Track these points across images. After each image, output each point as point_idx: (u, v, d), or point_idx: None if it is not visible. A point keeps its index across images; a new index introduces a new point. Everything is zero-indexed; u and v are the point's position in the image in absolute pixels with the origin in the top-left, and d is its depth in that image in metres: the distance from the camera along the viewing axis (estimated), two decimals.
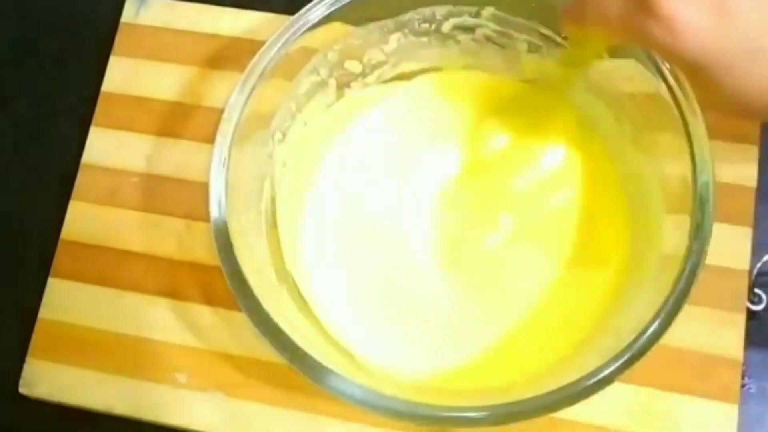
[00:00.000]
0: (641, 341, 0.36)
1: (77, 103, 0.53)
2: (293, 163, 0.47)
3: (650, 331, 0.37)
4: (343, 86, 0.48)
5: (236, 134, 0.41)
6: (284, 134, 0.46)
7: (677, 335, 0.37)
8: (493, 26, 0.45)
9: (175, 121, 0.51)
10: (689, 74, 0.36)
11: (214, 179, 0.40)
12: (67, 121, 0.53)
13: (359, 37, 0.45)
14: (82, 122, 0.51)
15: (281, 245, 0.45)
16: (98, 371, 0.47)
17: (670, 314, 0.37)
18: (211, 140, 0.41)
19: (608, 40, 0.40)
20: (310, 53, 0.44)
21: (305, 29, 0.42)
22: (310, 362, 0.37)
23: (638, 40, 0.36)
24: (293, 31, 0.42)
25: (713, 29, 0.32)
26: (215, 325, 0.47)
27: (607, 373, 0.36)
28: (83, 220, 0.50)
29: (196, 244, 0.48)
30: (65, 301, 0.48)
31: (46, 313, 0.48)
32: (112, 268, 0.48)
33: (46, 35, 0.55)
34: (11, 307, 0.50)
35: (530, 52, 0.46)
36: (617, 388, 0.37)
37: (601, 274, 0.44)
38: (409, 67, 0.48)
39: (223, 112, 0.41)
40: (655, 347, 0.36)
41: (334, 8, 0.42)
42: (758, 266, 0.46)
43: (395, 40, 0.46)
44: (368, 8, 0.44)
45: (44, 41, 0.55)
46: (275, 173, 0.46)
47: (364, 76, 0.48)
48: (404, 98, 0.49)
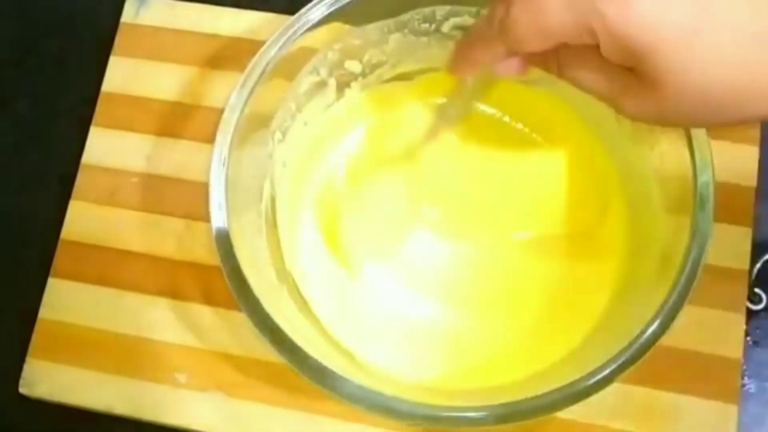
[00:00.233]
0: (641, 341, 0.36)
1: (77, 103, 0.53)
2: (293, 163, 0.47)
3: (650, 331, 0.37)
4: (343, 86, 0.48)
5: (236, 134, 0.41)
6: (284, 134, 0.46)
7: (677, 335, 0.37)
8: None
9: (175, 121, 0.51)
10: (636, 60, 0.30)
11: (214, 179, 0.40)
12: (67, 121, 0.53)
13: (359, 37, 0.45)
14: (82, 122, 0.51)
15: (281, 245, 0.45)
16: (98, 371, 0.47)
17: (670, 314, 0.37)
18: (211, 140, 0.41)
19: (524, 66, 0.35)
20: (310, 53, 0.44)
21: (305, 29, 0.42)
22: (310, 362, 0.37)
23: (582, 34, 0.30)
24: (293, 31, 0.42)
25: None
26: (215, 325, 0.47)
27: (607, 373, 0.36)
28: (83, 220, 0.50)
29: (196, 244, 0.48)
30: (65, 301, 0.48)
31: (46, 313, 0.48)
32: (112, 268, 0.48)
33: (46, 35, 0.55)
34: (11, 307, 0.50)
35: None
36: (617, 388, 0.37)
37: (600, 274, 0.45)
38: (409, 67, 0.48)
39: (223, 112, 0.41)
40: (655, 347, 0.36)
41: (334, 8, 0.42)
42: (758, 266, 0.46)
43: (395, 40, 0.46)
44: (368, 8, 0.44)
45: (44, 41, 0.55)
46: (275, 173, 0.46)
47: (364, 76, 0.48)
48: (404, 98, 0.49)
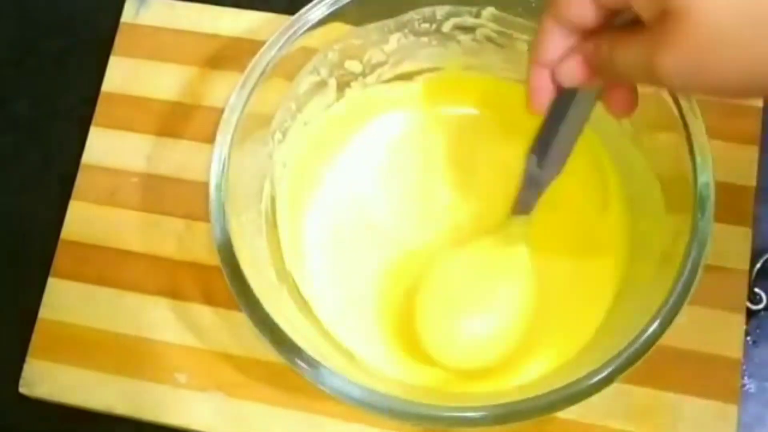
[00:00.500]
0: (641, 341, 0.36)
1: (77, 103, 0.53)
2: (293, 163, 0.47)
3: (650, 331, 0.37)
4: (343, 86, 0.48)
5: (236, 134, 0.41)
6: (284, 134, 0.46)
7: (677, 335, 0.37)
8: (493, 26, 0.45)
9: (175, 121, 0.51)
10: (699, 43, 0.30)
11: (214, 179, 0.40)
12: (67, 121, 0.53)
13: (359, 37, 0.45)
14: (82, 122, 0.51)
15: (281, 245, 0.45)
16: (98, 371, 0.47)
17: (670, 314, 0.37)
18: (211, 140, 0.41)
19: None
20: (310, 53, 0.44)
21: (305, 29, 0.42)
22: (309, 362, 0.37)
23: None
24: (293, 31, 0.42)
25: None
26: (215, 325, 0.47)
27: (607, 373, 0.36)
28: (83, 220, 0.50)
29: (196, 244, 0.48)
30: (65, 301, 0.48)
31: (46, 313, 0.48)
32: (112, 268, 0.48)
33: (46, 35, 0.55)
34: (11, 307, 0.50)
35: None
36: (617, 388, 0.37)
37: (601, 273, 0.45)
38: (409, 67, 0.48)
39: (223, 112, 0.41)
40: (654, 347, 0.36)
41: (334, 8, 0.42)
42: (758, 266, 0.46)
43: (395, 40, 0.46)
44: (368, 8, 0.44)
45: (44, 41, 0.55)
46: (275, 173, 0.46)
47: (364, 76, 0.48)
48: (404, 98, 0.49)
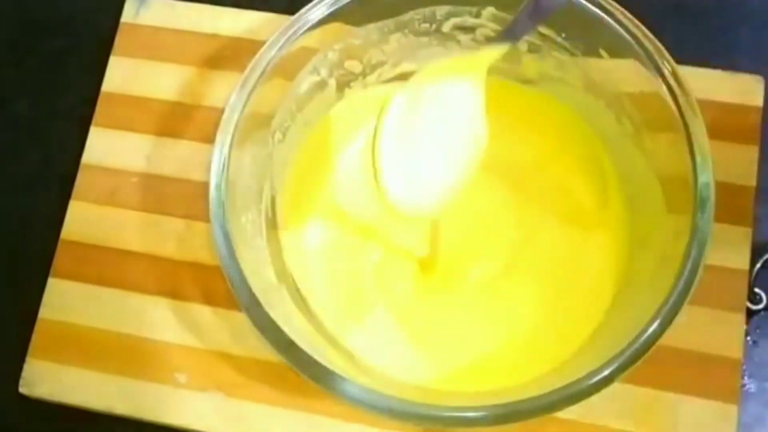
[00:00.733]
0: (641, 341, 0.36)
1: (77, 103, 0.53)
2: (293, 163, 0.47)
3: (650, 331, 0.37)
4: (343, 86, 0.48)
5: (236, 134, 0.41)
6: (284, 134, 0.46)
7: (677, 335, 0.37)
8: (493, 26, 0.45)
9: (175, 121, 0.51)
10: None
11: (214, 179, 0.40)
12: (67, 121, 0.53)
13: (359, 37, 0.45)
14: (82, 122, 0.51)
15: (281, 245, 0.45)
16: (98, 371, 0.47)
17: (670, 314, 0.37)
18: (211, 140, 0.41)
19: None
20: (310, 53, 0.44)
21: (305, 29, 0.42)
22: (309, 362, 0.37)
23: None
24: (293, 31, 0.42)
25: None
26: (215, 325, 0.47)
27: (607, 373, 0.36)
28: (83, 220, 0.50)
29: (196, 244, 0.48)
30: (65, 301, 0.48)
31: (46, 313, 0.48)
32: (112, 268, 0.48)
33: (46, 35, 0.55)
34: (11, 307, 0.50)
35: (530, 52, 0.46)
36: (617, 388, 0.37)
37: (600, 274, 0.44)
38: (409, 67, 0.48)
39: (223, 112, 0.41)
40: (654, 347, 0.36)
41: (334, 8, 0.42)
42: (758, 266, 0.46)
43: (395, 40, 0.46)
44: (368, 8, 0.44)
45: (44, 41, 0.55)
46: (275, 173, 0.46)
47: (364, 75, 0.48)
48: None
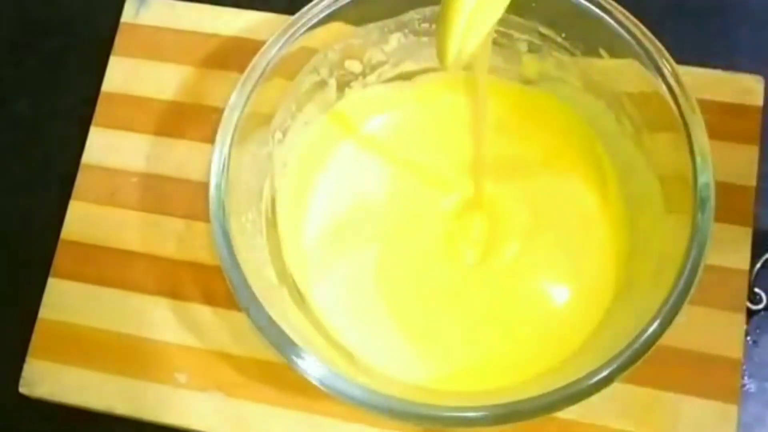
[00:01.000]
0: (641, 341, 0.36)
1: (77, 103, 0.53)
2: (293, 163, 0.47)
3: (650, 331, 0.37)
4: (343, 86, 0.48)
5: (236, 134, 0.41)
6: (284, 134, 0.46)
7: (677, 335, 0.37)
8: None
9: (175, 121, 0.51)
10: None
11: (214, 179, 0.40)
12: (67, 121, 0.53)
13: (359, 36, 0.45)
14: (82, 122, 0.51)
15: (281, 245, 0.45)
16: (98, 371, 0.47)
17: (670, 314, 0.37)
18: (211, 140, 0.41)
19: None
20: (310, 53, 0.44)
21: (305, 29, 0.42)
22: (310, 362, 0.37)
23: None
24: (293, 31, 0.42)
25: None
26: (215, 325, 0.47)
27: (607, 373, 0.36)
28: (83, 220, 0.49)
29: (196, 244, 0.48)
30: (65, 301, 0.48)
31: (46, 313, 0.48)
32: (112, 268, 0.48)
33: (46, 35, 0.55)
34: (11, 307, 0.50)
35: (530, 52, 0.46)
36: (617, 388, 0.37)
37: (600, 274, 0.44)
38: (409, 66, 0.48)
39: (223, 112, 0.41)
40: (654, 347, 0.36)
41: (334, 8, 0.42)
42: (758, 266, 0.46)
43: (396, 39, 0.46)
44: (368, 8, 0.44)
45: (44, 41, 0.55)
46: (275, 173, 0.46)
47: (364, 75, 0.48)
48: (405, 98, 0.49)
